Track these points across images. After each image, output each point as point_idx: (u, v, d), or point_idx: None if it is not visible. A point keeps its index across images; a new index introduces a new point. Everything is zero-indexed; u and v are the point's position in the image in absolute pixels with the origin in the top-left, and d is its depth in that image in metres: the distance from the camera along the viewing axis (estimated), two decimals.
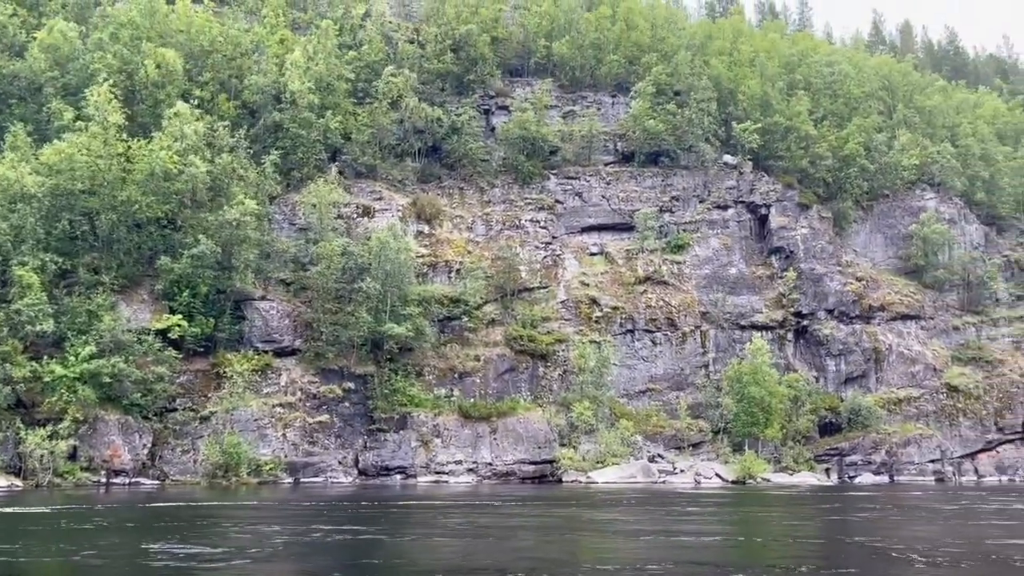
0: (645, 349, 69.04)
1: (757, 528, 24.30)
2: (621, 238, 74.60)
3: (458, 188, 73.12)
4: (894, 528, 25.86)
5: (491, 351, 63.40)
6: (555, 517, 28.39)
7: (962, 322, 79.74)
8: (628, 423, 61.42)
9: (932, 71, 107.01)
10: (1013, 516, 30.40)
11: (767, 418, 63.43)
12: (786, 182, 79.79)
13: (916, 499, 41.55)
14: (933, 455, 70.54)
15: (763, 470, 59.63)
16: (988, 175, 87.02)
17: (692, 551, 18.98)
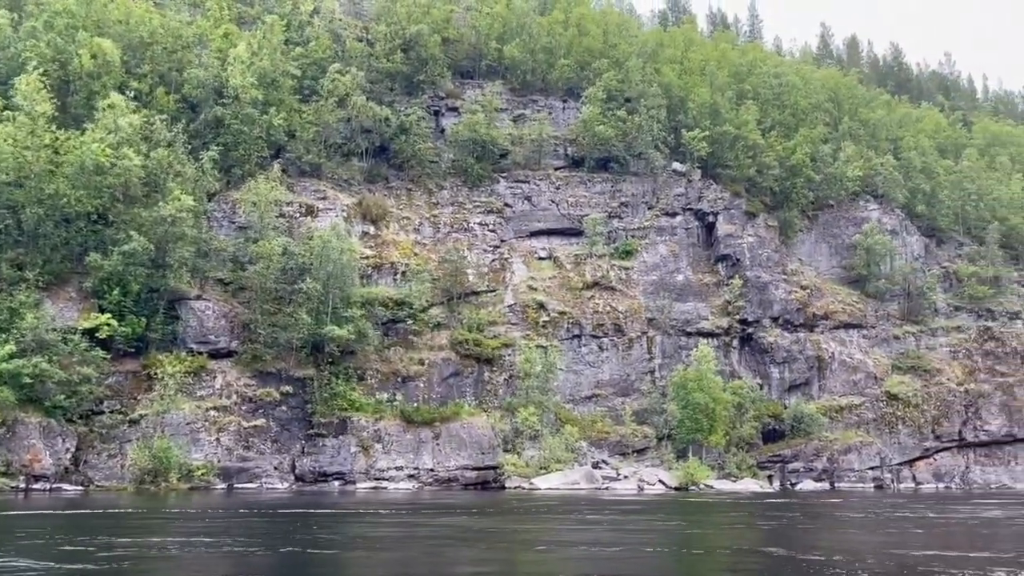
0: (592, 354, 68.71)
1: (668, 538, 23.65)
2: (570, 243, 74.31)
3: (406, 189, 72.07)
4: (809, 535, 25.68)
5: (436, 355, 62.39)
6: (462, 527, 27.38)
7: (902, 331, 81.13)
8: (573, 429, 60.95)
9: (877, 85, 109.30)
10: (922, 524, 30.50)
11: (711, 424, 63.53)
12: (734, 190, 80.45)
13: (846, 506, 41.72)
14: (873, 462, 71.42)
15: (706, 476, 59.58)
16: (929, 188, 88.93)
17: (574, 563, 18.24)
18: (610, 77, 79.24)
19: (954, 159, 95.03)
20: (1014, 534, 26.68)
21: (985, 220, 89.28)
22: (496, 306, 67.55)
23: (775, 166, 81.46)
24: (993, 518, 33.39)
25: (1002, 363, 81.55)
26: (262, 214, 59.03)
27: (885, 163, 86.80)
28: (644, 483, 58.28)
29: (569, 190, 76.20)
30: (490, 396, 63.17)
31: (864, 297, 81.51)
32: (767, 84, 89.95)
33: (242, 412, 53.80)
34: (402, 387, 60.02)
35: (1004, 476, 76.61)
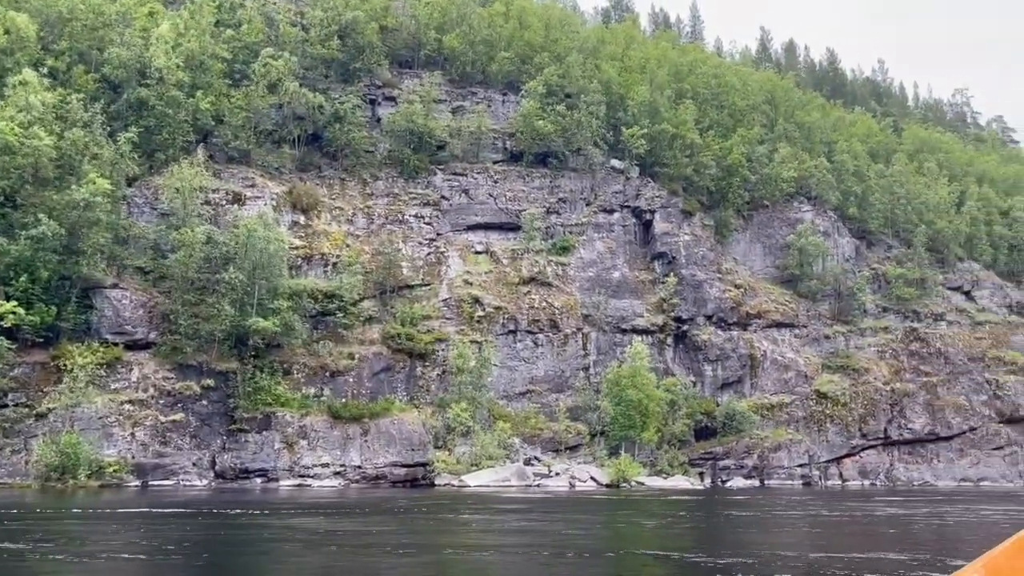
0: (527, 350, 68.01)
1: (557, 539, 22.65)
2: (507, 238, 73.46)
3: (339, 179, 70.24)
4: (707, 533, 25.33)
5: (366, 349, 60.87)
6: (310, 529, 26.13)
7: (832, 331, 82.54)
8: (506, 425, 60.13)
9: (813, 89, 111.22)
10: (821, 523, 30.50)
11: (644, 421, 63.48)
12: (671, 189, 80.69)
13: (758, 504, 41.81)
14: (802, 460, 72.41)
15: (637, 473, 59.44)
16: (860, 191, 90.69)
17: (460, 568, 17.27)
18: (551, 72, 78.63)
19: (885, 163, 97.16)
20: (903, 533, 26.71)
21: (913, 223, 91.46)
22: (430, 300, 66.30)
23: (712, 165, 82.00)
24: (892, 515, 33.65)
25: (926, 363, 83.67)
26: (185, 201, 56.64)
27: (819, 165, 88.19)
28: (576, 480, 57.81)
29: (507, 184, 75.35)
30: (422, 392, 61.95)
31: (796, 297, 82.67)
32: (706, 84, 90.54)
33: (159, 406, 51.50)
34: (330, 382, 58.35)
35: (927, 473, 78.60)
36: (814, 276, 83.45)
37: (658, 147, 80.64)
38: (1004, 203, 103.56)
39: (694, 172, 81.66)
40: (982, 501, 44.89)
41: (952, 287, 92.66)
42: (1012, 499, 48.58)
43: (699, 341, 74.64)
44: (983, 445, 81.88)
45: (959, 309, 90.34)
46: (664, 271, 77.48)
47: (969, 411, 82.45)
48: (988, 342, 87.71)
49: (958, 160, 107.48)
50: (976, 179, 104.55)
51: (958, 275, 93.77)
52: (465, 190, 73.62)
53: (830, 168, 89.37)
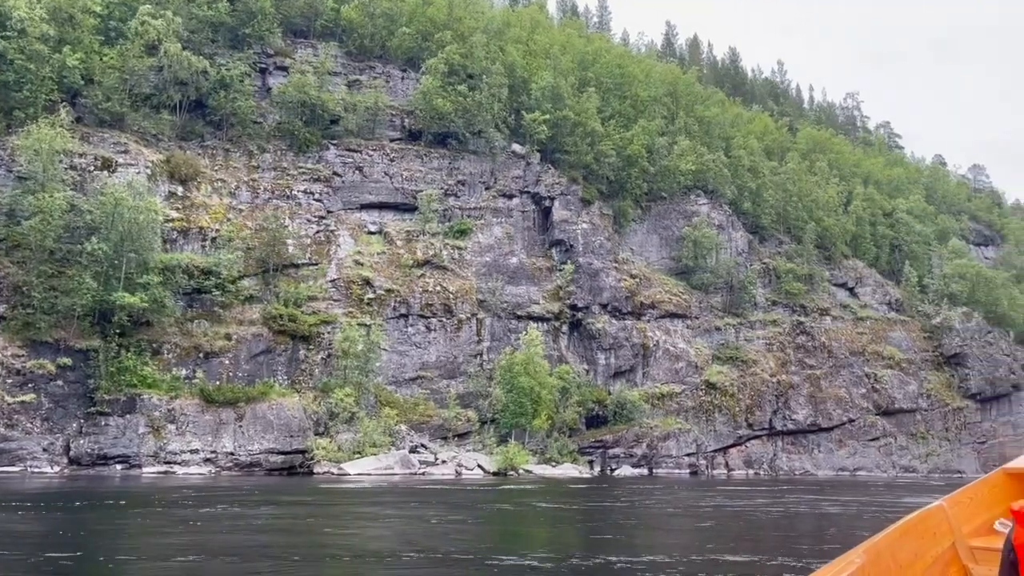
0: (418, 335, 66.05)
1: (348, 540, 21.01)
2: (402, 218, 71.19)
3: (223, 149, 66.30)
4: (566, 523, 24.31)
5: (245, 330, 57.62)
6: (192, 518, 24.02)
7: (723, 323, 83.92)
8: (392, 411, 58.11)
9: (715, 86, 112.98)
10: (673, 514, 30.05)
11: (535, 409, 62.63)
12: (571, 176, 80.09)
13: (643, 491, 41.44)
14: (690, 449, 73.16)
15: (526, 461, 58.48)
16: (755, 187, 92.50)
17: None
18: (453, 51, 76.58)
19: (779, 161, 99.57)
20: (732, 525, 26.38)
21: (803, 221, 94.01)
22: (317, 280, 63.46)
23: (612, 155, 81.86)
24: (772, 502, 33.64)
25: (811, 356, 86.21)
26: (45, 164, 51.97)
27: (716, 160, 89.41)
28: (463, 468, 56.35)
29: (404, 163, 73.00)
30: (305, 376, 59.16)
31: (690, 288, 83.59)
32: (610, 74, 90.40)
33: (7, 386, 47.08)
34: (204, 364, 54.88)
35: (807, 463, 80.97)
36: (708, 269, 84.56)
37: (560, 134, 79.89)
38: (888, 204, 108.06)
39: (594, 161, 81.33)
40: (860, 491, 45.85)
41: (837, 283, 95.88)
42: (888, 489, 49.94)
43: (594, 330, 74.41)
44: (860, 436, 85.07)
45: (843, 305, 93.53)
46: (561, 259, 76.89)
47: (849, 403, 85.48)
48: (868, 337, 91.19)
49: (847, 161, 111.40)
50: (863, 180, 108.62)
51: (843, 272, 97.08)
52: (359, 167, 70.86)
53: (727, 163, 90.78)
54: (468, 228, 73.14)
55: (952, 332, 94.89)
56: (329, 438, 55.04)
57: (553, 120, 78.73)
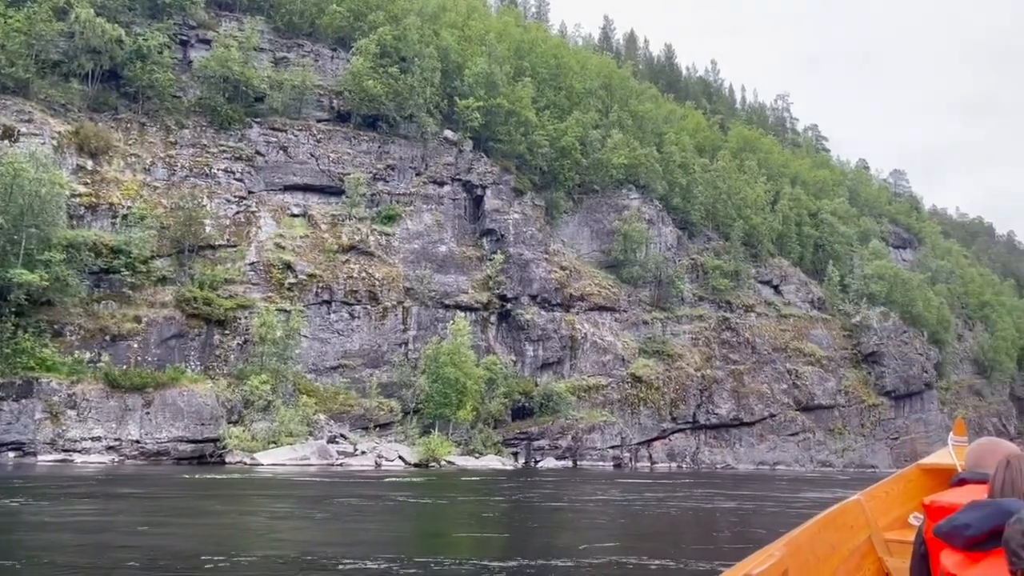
0: (341, 322, 64.20)
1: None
2: (328, 202, 69.11)
3: (138, 123, 63.08)
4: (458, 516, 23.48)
5: (156, 312, 54.90)
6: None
7: (651, 317, 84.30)
8: (310, 400, 56.26)
9: (650, 82, 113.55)
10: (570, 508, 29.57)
11: (461, 400, 61.61)
12: (504, 166, 79.19)
13: (562, 483, 40.93)
14: (614, 441, 73.27)
15: (448, 453, 57.43)
16: (685, 183, 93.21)
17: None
18: (385, 32, 74.63)
19: (710, 159, 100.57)
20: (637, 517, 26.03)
21: (732, 218, 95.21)
22: (236, 263, 60.97)
23: (546, 145, 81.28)
24: (697, 495, 33.44)
25: (735, 352, 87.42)
26: None
27: (648, 155, 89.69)
28: (383, 459, 54.92)
29: (331, 145, 70.87)
30: (219, 362, 56.77)
31: (619, 282, 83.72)
32: (546, 64, 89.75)
33: None
34: (111, 347, 52.04)
35: (728, 457, 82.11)
36: (637, 263, 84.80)
37: (493, 122, 78.85)
38: (813, 205, 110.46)
39: (528, 151, 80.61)
40: (779, 485, 46.23)
41: (763, 281, 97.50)
42: (807, 483, 50.56)
43: (522, 321, 73.76)
44: (780, 431, 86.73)
45: (767, 302, 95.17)
46: (492, 248, 75.95)
47: (770, 398, 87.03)
48: (791, 334, 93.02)
49: (776, 162, 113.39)
50: (790, 181, 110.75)
51: (769, 270, 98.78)
52: (284, 147, 68.46)
53: (659, 159, 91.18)
54: (397, 214, 71.53)
55: (870, 331, 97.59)
56: (243, 427, 52.91)
57: (487, 108, 77.63)
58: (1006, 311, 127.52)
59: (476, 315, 71.76)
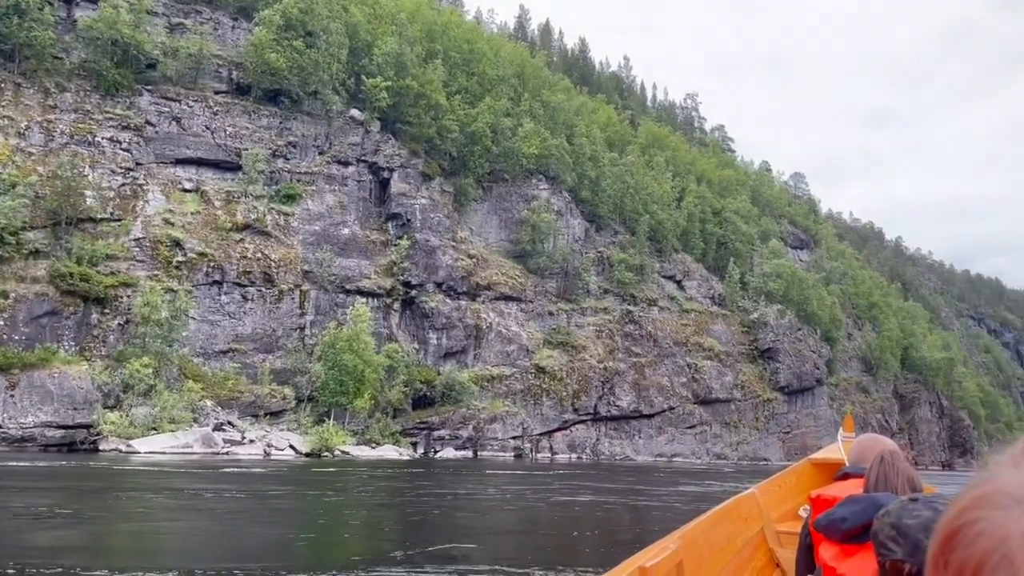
0: (233, 304, 61.18)
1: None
2: (223, 178, 65.77)
3: (13, 83, 58.28)
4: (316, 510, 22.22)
5: (27, 288, 50.82)
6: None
7: (556, 308, 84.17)
8: (196, 385, 53.32)
9: (563, 73, 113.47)
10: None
11: (358, 388, 59.74)
12: (412, 149, 77.36)
13: (457, 473, 39.93)
14: (516, 432, 72.71)
15: (343, 442, 55.51)
16: (594, 176, 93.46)
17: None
18: (291, 3, 71.53)
19: (619, 153, 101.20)
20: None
21: (638, 213, 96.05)
22: (119, 238, 57.18)
23: (456, 131, 79.83)
24: (592, 487, 32.95)
25: (637, 344, 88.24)
26: None
27: (559, 146, 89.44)
28: (272, 448, 52.54)
29: (229, 119, 67.46)
30: (96, 343, 53.10)
31: (526, 272, 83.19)
32: (458, 48, 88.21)
33: None
34: None
35: (628, 448, 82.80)
36: (545, 253, 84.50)
37: (402, 104, 76.88)
38: (717, 204, 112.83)
39: (437, 135, 79.00)
40: (677, 477, 46.39)
41: (666, 275, 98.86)
42: (703, 475, 51.01)
43: (427, 308, 72.24)
44: (679, 423, 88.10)
45: (670, 296, 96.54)
46: (397, 233, 74.12)
47: (670, 391, 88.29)
48: (692, 329, 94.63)
49: (683, 159, 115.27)
50: (696, 179, 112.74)
51: (672, 265, 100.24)
52: (177, 118, 64.70)
53: (569, 150, 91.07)
54: (297, 193, 68.78)
55: (767, 328, 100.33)
56: (121, 412, 49.61)
57: (396, 89, 75.60)
58: (892, 312, 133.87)
59: (379, 301, 69.85)
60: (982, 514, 0.47)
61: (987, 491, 0.49)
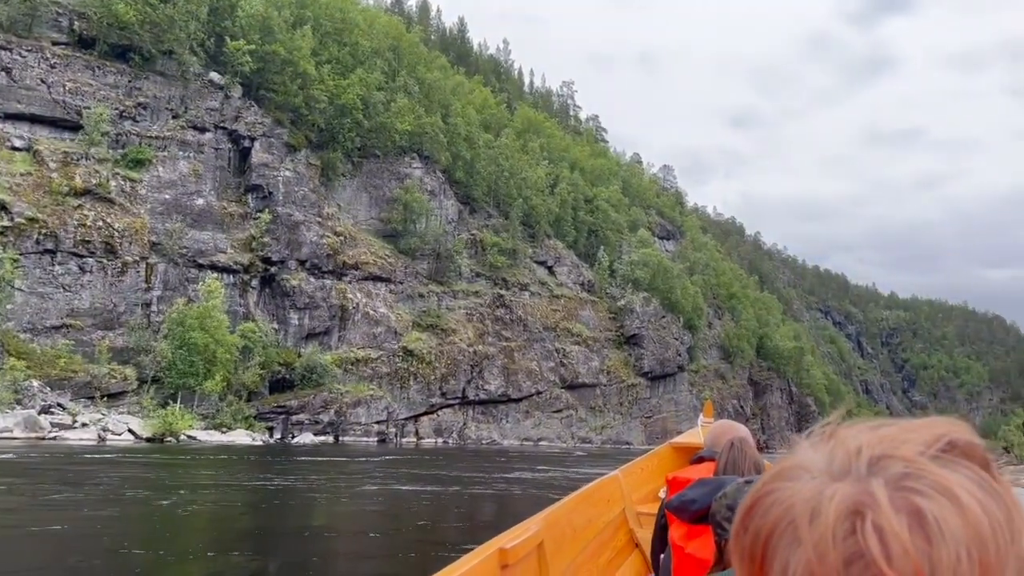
0: (69, 276, 55.72)
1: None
2: (60, 138, 59.77)
3: None
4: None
5: None
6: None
7: (427, 290, 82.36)
8: (20, 363, 48.04)
9: (440, 52, 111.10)
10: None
11: (209, 369, 55.88)
12: (277, 118, 73.29)
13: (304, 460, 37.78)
14: (380, 416, 70.56)
15: (189, 427, 51.64)
16: (469, 157, 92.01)
17: None
18: None
19: (495, 136, 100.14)
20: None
21: (513, 197, 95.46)
22: None
23: (324, 102, 76.24)
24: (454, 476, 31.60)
25: (508, 329, 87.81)
26: None
27: (434, 124, 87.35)
28: (108, 432, 48.08)
29: (69, 73, 61.35)
30: None
31: (396, 252, 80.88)
32: (330, 16, 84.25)
33: None
34: None
35: (495, 433, 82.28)
36: (416, 234, 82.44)
37: (267, 70, 72.63)
38: (590, 192, 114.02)
39: (305, 105, 75.18)
40: (542, 462, 45.79)
41: (538, 261, 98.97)
42: (568, 460, 50.76)
43: (288, 287, 68.75)
44: (545, 408, 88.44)
45: (541, 282, 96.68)
46: (258, 206, 70.06)
47: (538, 376, 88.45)
48: (561, 314, 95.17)
49: (558, 146, 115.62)
50: (570, 166, 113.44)
51: (544, 251, 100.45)
52: (7, 69, 58.17)
53: (444, 129, 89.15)
54: (147, 159, 63.55)
55: (633, 314, 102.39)
56: None
57: (260, 53, 71.25)
58: (749, 303, 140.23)
59: (235, 278, 65.80)
60: (777, 486, 0.52)
61: (785, 466, 0.54)
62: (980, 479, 0.47)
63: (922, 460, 0.47)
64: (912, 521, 0.45)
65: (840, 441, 0.53)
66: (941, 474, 0.46)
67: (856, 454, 0.50)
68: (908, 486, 0.46)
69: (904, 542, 0.44)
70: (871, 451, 0.49)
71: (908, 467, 0.47)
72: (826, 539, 0.46)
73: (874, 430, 0.52)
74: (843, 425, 0.55)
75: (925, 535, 0.44)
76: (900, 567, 0.44)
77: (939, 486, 0.46)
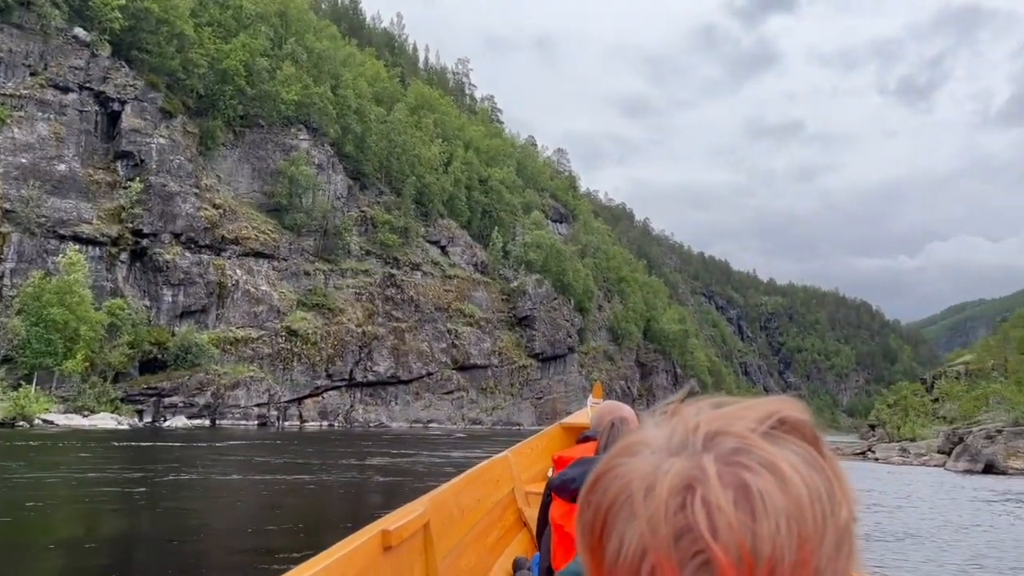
0: None
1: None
2: None
3: None
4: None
5: None
6: None
7: (314, 268, 79.27)
8: None
9: (332, 21, 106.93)
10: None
11: (69, 348, 51.60)
12: (150, 81, 68.40)
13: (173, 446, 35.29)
14: (261, 399, 67.31)
15: (46, 409, 47.42)
16: (360, 131, 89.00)
17: None
18: None
19: (387, 110, 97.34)
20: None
21: (405, 174, 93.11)
22: None
23: (204, 66, 71.75)
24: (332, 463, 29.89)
25: (399, 309, 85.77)
26: None
27: (322, 95, 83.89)
28: None
29: None
30: None
31: (281, 228, 77.35)
32: None
33: None
34: None
35: (383, 415, 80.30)
36: (303, 209, 79.12)
37: (140, 29, 67.64)
38: (484, 172, 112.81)
39: (182, 68, 70.56)
40: (430, 444, 44.49)
41: (431, 240, 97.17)
42: (457, 442, 49.69)
43: (161, 261, 64.47)
44: (436, 389, 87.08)
45: (434, 262, 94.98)
46: (128, 174, 65.32)
47: (429, 357, 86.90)
48: (454, 295, 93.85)
49: (452, 125, 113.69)
50: (464, 145, 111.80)
51: (437, 230, 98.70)
52: None
53: (333, 101, 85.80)
54: (1, 119, 57.88)
55: (525, 296, 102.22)
56: None
57: (132, 10, 66.20)
58: (638, 287, 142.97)
59: (102, 250, 61.15)
60: (619, 461, 0.53)
61: (629, 442, 0.55)
62: (806, 454, 0.50)
63: (753, 436, 0.50)
64: (738, 495, 0.47)
65: (681, 418, 0.54)
66: (769, 450, 0.49)
67: (694, 430, 0.52)
68: (737, 461, 0.49)
69: (729, 516, 0.47)
70: (707, 427, 0.51)
71: (739, 443, 0.49)
72: (658, 514, 0.48)
73: (714, 408, 0.53)
74: (686, 402, 0.56)
75: (750, 509, 0.47)
76: (725, 540, 0.47)
77: (766, 461, 0.48)
